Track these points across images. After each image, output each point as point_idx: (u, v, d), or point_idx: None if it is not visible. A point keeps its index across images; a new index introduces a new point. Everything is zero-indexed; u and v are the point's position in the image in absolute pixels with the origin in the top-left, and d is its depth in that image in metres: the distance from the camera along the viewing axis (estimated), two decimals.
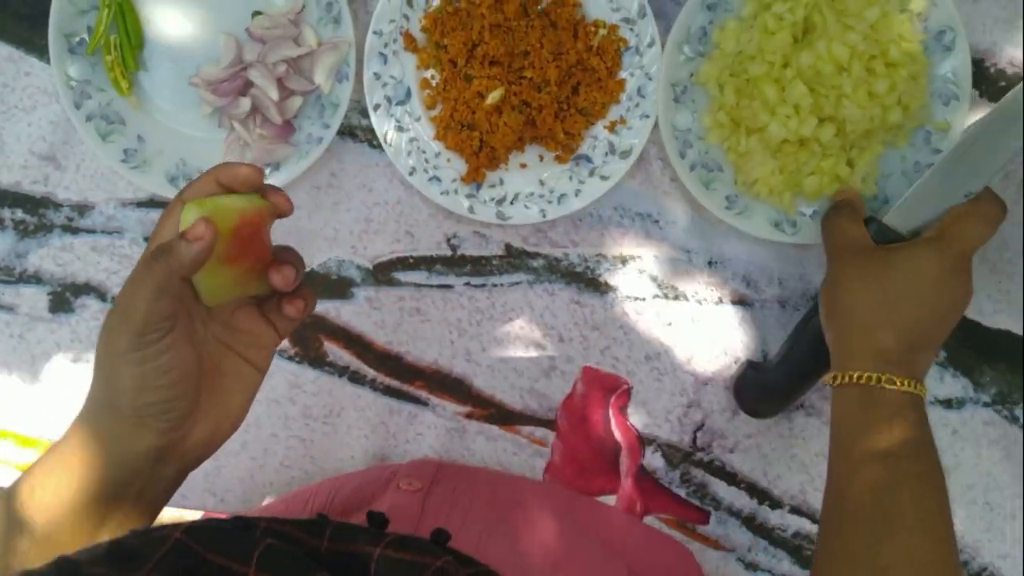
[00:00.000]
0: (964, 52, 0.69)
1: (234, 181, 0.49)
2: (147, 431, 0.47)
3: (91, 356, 0.75)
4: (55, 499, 0.47)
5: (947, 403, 0.75)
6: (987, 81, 0.74)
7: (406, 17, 0.73)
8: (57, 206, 0.76)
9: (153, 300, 0.45)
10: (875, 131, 0.68)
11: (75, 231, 0.76)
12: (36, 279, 0.76)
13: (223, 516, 0.70)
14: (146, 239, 0.75)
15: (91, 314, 0.76)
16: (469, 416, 0.76)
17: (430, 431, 0.76)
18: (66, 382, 0.77)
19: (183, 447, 0.49)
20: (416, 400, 0.76)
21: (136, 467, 0.48)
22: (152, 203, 0.76)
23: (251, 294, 0.52)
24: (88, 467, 0.47)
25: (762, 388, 0.73)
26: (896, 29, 0.66)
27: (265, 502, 0.78)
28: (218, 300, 0.50)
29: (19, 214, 0.76)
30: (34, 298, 0.76)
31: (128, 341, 0.45)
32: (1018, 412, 0.76)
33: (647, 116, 0.72)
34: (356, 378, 0.76)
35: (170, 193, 0.73)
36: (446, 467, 0.74)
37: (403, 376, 0.76)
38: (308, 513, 0.70)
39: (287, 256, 0.51)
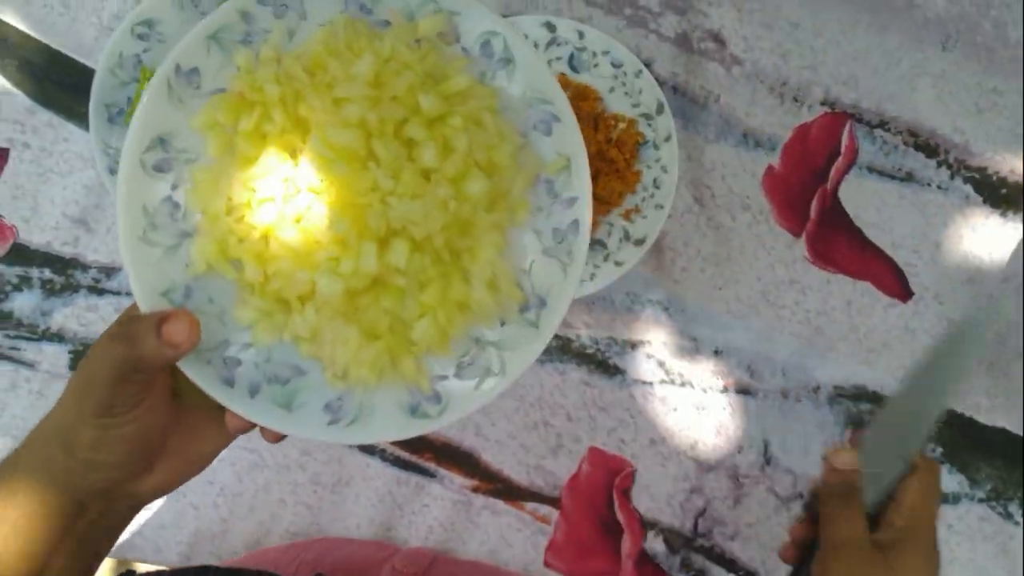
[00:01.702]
0: (529, 56, 0.48)
1: None
2: (98, 474, 0.44)
3: None
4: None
5: (943, 498, 0.77)
6: (990, 187, 0.77)
7: None
8: (85, 267, 0.78)
9: (114, 385, 0.42)
10: (472, 219, 0.47)
11: (100, 292, 0.78)
12: (59, 337, 0.78)
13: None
14: None
15: None
16: (475, 490, 0.78)
17: (436, 503, 0.78)
18: None
19: (137, 490, 0.46)
20: (424, 472, 0.78)
21: (86, 501, 0.45)
22: None
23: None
24: (36, 495, 0.44)
25: None
26: (414, 71, 0.47)
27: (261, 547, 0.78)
28: (196, 400, 0.47)
29: (47, 273, 0.78)
30: (56, 356, 0.78)
31: (91, 411, 0.42)
32: (1012, 508, 0.77)
33: (661, 207, 0.75)
34: (366, 448, 0.78)
35: None
36: (442, 559, 0.75)
37: (412, 447, 0.78)
38: (295, 565, 0.71)
39: None
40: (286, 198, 0.46)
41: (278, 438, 0.48)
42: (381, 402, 0.47)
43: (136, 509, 0.48)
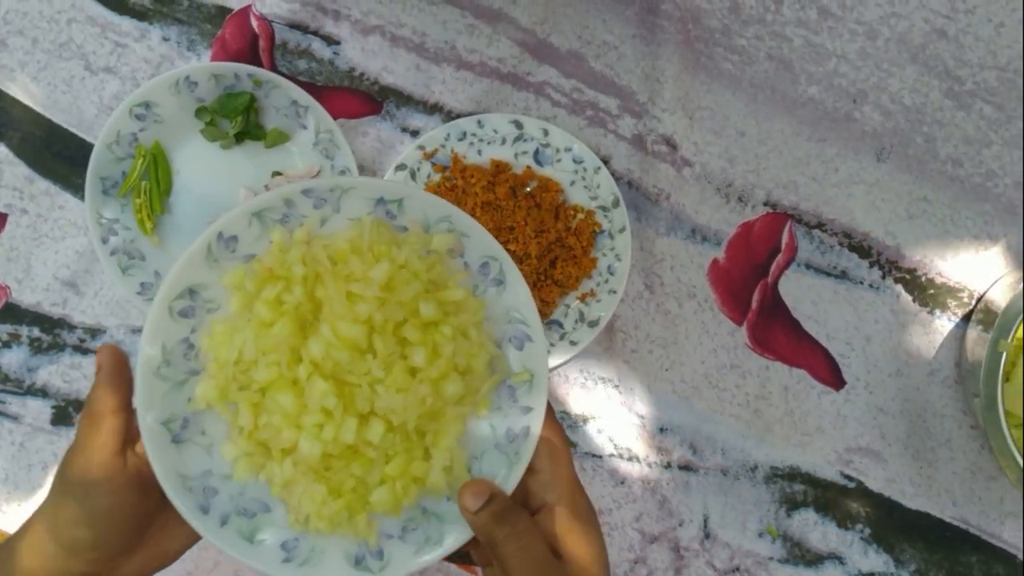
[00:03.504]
0: (517, 279, 0.55)
1: None
2: (77, 560, 0.49)
3: None
4: None
5: None
6: (919, 287, 0.84)
7: None
8: (72, 327, 0.83)
9: (82, 441, 0.50)
10: (441, 409, 0.53)
11: (85, 351, 0.82)
12: (43, 393, 0.82)
13: None
14: None
15: None
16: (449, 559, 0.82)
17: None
18: None
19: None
20: None
21: None
22: None
23: None
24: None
25: None
26: (420, 279, 0.53)
27: None
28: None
29: (35, 332, 0.83)
30: (39, 410, 0.82)
31: (70, 477, 0.49)
32: None
33: (615, 292, 0.80)
34: None
35: None
36: None
37: None
38: None
39: None
40: (289, 364, 0.51)
41: None
42: (331, 549, 0.53)
43: None
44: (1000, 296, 0.80)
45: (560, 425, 0.56)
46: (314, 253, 0.53)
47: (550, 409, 0.55)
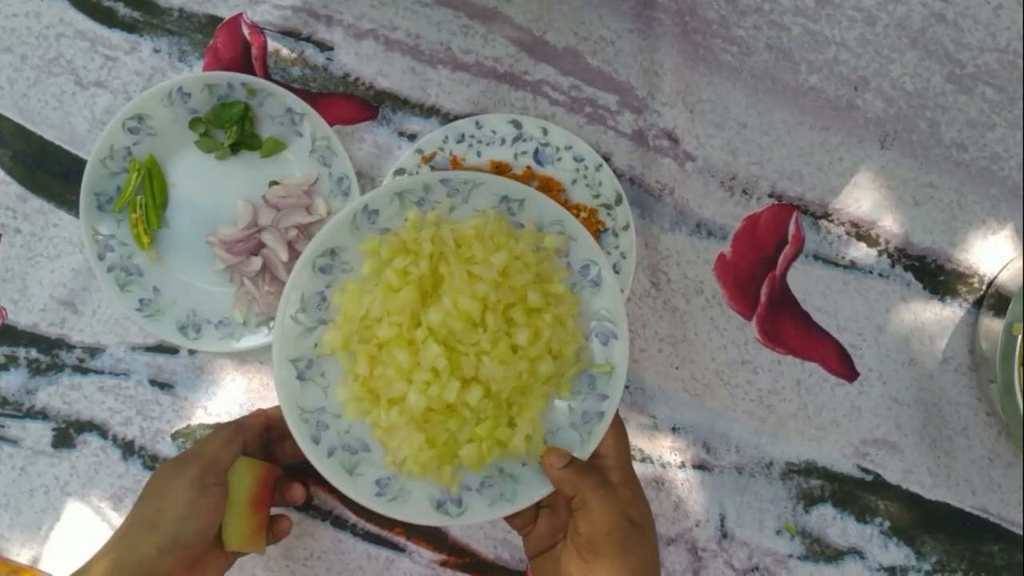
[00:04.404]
0: (612, 284, 0.62)
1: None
2: (169, 556, 0.60)
3: (88, 491, 0.80)
4: None
5: (891, 571, 0.81)
6: (928, 274, 0.83)
7: None
8: (70, 347, 0.81)
9: (224, 448, 0.65)
10: (530, 385, 0.61)
11: (84, 371, 0.81)
12: (43, 415, 0.81)
13: None
14: (152, 382, 0.81)
15: (91, 451, 0.80)
16: (444, 564, 0.80)
17: None
18: (61, 515, 0.80)
19: None
20: (394, 546, 0.80)
21: None
22: (160, 348, 0.81)
23: (256, 550, 0.68)
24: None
25: None
26: (532, 271, 0.61)
27: None
28: (235, 546, 0.65)
29: (33, 353, 0.81)
30: (39, 433, 0.80)
31: (194, 473, 0.62)
32: None
33: (621, 291, 0.79)
34: (338, 522, 0.80)
35: (179, 340, 0.78)
36: None
37: (383, 522, 0.81)
38: None
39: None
40: (408, 326, 0.60)
41: (302, 499, 0.72)
42: (418, 491, 0.61)
43: None
44: (1011, 280, 0.79)
45: (622, 418, 0.63)
46: (442, 234, 0.61)
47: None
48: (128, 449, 0.81)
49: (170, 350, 0.81)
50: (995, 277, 0.83)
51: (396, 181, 0.62)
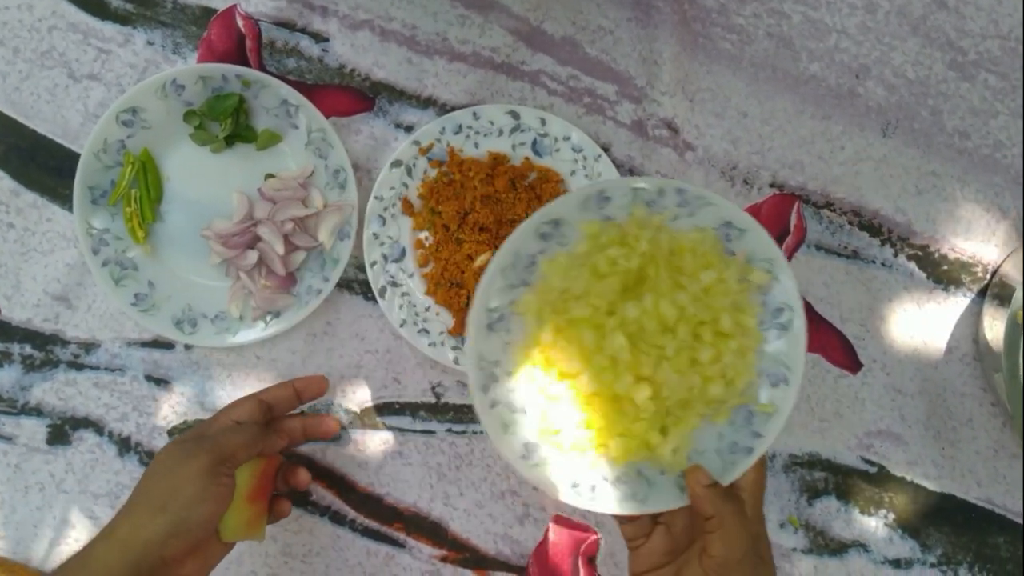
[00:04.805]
0: (800, 334, 0.61)
1: (307, 388, 0.75)
2: (175, 540, 0.61)
3: (84, 488, 0.79)
4: None
5: (896, 563, 0.80)
6: (932, 264, 0.82)
7: (405, 185, 0.80)
8: (65, 343, 0.80)
9: (248, 445, 0.67)
10: (694, 401, 0.62)
11: (80, 367, 0.80)
12: (37, 411, 0.80)
13: None
14: (147, 377, 0.80)
15: (87, 447, 0.79)
16: (444, 559, 0.79)
17: (405, 573, 0.79)
18: (56, 512, 0.79)
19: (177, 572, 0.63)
20: (394, 542, 0.80)
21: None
22: (156, 344, 0.80)
23: (254, 539, 0.68)
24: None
25: None
26: (731, 297, 0.62)
27: None
28: (231, 537, 0.66)
29: (27, 349, 0.80)
30: (34, 430, 0.79)
31: (209, 461, 0.63)
32: (962, 572, 0.80)
33: None
34: (337, 518, 0.80)
35: (175, 335, 0.78)
36: None
37: (382, 518, 0.80)
38: None
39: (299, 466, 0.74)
40: (603, 312, 0.61)
41: (308, 483, 0.75)
42: (558, 466, 0.62)
43: None
44: (1015, 268, 0.79)
45: (766, 464, 0.62)
46: (660, 238, 0.62)
47: None
48: (124, 445, 0.80)
49: (166, 345, 0.80)
50: (999, 266, 0.82)
51: (635, 178, 0.63)
